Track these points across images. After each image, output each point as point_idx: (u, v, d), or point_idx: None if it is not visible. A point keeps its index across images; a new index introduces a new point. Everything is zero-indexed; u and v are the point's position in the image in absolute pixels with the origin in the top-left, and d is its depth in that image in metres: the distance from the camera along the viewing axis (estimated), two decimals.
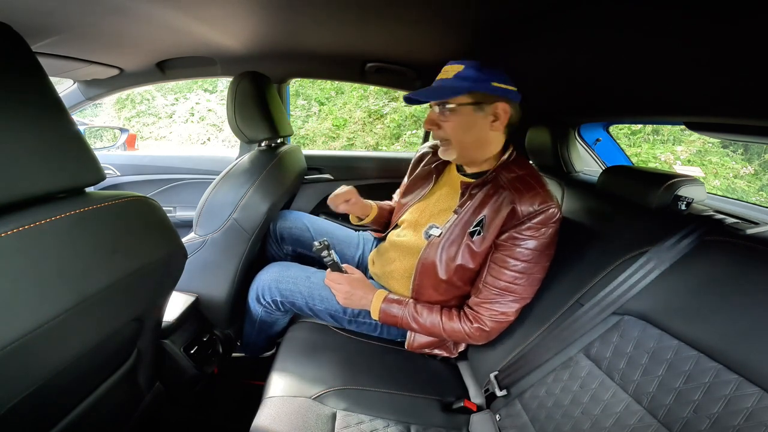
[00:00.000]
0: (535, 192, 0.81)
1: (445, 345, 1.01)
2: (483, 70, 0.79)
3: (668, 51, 0.60)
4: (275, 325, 1.13)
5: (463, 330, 0.87)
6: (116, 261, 0.51)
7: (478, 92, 0.79)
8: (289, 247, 1.27)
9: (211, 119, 6.06)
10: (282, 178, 1.16)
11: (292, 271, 1.06)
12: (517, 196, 0.81)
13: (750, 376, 0.48)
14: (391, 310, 0.92)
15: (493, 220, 0.83)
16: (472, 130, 0.83)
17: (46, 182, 0.43)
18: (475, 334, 0.87)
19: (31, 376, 0.46)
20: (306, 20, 0.92)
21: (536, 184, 0.83)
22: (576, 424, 0.66)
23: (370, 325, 1.05)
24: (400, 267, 1.01)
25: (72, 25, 0.88)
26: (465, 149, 0.87)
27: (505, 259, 0.82)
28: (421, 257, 0.93)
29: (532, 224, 0.80)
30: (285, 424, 0.72)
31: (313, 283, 1.04)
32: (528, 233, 0.80)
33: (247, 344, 1.21)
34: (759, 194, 3.64)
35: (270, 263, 1.11)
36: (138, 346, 0.75)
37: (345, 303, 0.95)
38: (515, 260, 0.81)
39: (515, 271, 0.82)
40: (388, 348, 1.04)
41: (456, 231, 0.88)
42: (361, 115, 5.20)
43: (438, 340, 1.00)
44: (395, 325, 0.94)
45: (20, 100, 0.41)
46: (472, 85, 0.79)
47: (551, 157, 1.23)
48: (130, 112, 6.18)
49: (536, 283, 0.84)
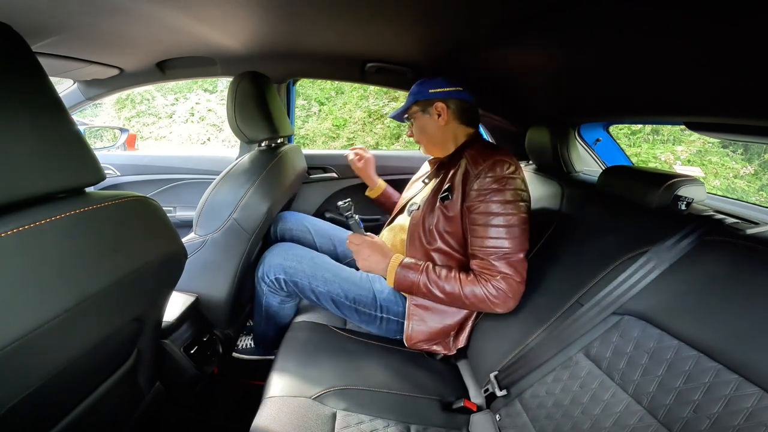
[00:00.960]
0: (484, 153, 0.92)
1: (444, 341, 1.02)
2: (423, 83, 1.03)
3: (668, 51, 0.60)
4: (281, 312, 1.15)
5: (482, 292, 0.87)
6: (116, 261, 0.51)
7: (420, 101, 1.04)
8: None
9: (211, 119, 6.06)
10: (282, 178, 1.16)
11: (296, 250, 1.11)
12: (470, 160, 0.94)
13: (750, 376, 0.48)
14: (407, 276, 0.93)
15: (455, 184, 0.94)
16: (427, 129, 1.05)
17: (46, 182, 0.43)
18: (493, 294, 0.86)
19: (31, 376, 0.46)
20: (306, 20, 0.93)
21: (488, 149, 0.94)
22: (576, 424, 0.66)
23: (370, 316, 1.06)
24: (394, 249, 1.06)
25: (72, 25, 0.88)
26: (432, 145, 1.08)
27: (480, 217, 0.88)
28: (408, 233, 1.03)
29: (488, 178, 0.87)
30: (285, 424, 0.72)
31: (316, 264, 1.08)
32: (488, 187, 0.87)
33: (257, 337, 1.24)
34: (759, 194, 3.64)
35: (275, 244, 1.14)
36: (138, 346, 0.75)
37: (363, 266, 0.99)
38: (490, 215, 0.87)
39: (495, 226, 0.86)
40: (388, 348, 1.04)
41: (430, 200, 1.00)
42: (361, 115, 5.20)
43: (438, 335, 1.00)
44: (410, 291, 0.96)
45: (20, 100, 0.41)
46: (414, 97, 1.04)
47: (551, 157, 1.23)
48: (130, 112, 6.18)
49: (521, 234, 0.87)
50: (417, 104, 1.05)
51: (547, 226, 1.03)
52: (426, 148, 1.10)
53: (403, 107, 1.09)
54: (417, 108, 1.05)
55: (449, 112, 1.02)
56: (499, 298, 0.86)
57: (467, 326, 1.03)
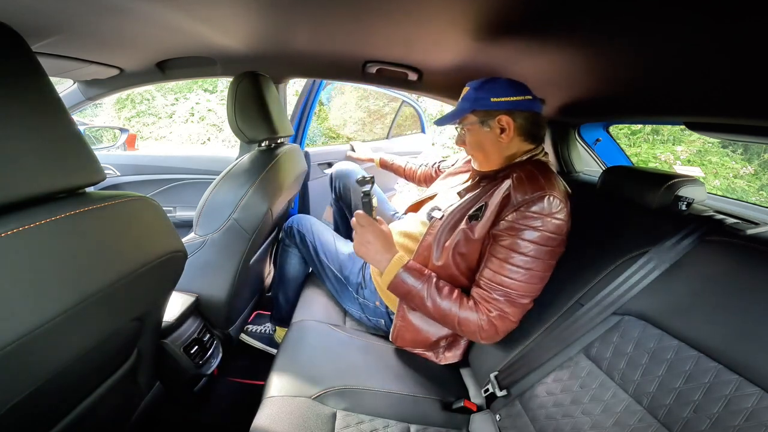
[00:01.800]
0: (534, 182, 0.78)
1: (435, 350, 1.00)
2: (482, 88, 0.86)
3: (668, 51, 0.60)
4: (289, 260, 1.30)
5: (477, 320, 0.80)
6: (116, 261, 0.51)
7: (480, 110, 0.87)
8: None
9: (211, 119, 6.06)
10: (282, 178, 1.16)
11: (315, 220, 1.29)
12: (516, 184, 0.80)
13: (750, 376, 0.48)
14: (407, 280, 0.84)
15: (490, 206, 0.82)
16: (485, 146, 0.90)
17: (46, 182, 0.43)
18: (485, 327, 0.80)
19: (31, 376, 0.46)
20: (306, 20, 0.92)
21: (540, 176, 0.80)
22: (576, 425, 0.66)
23: (363, 305, 1.09)
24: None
25: (72, 25, 0.88)
26: (486, 161, 0.92)
27: (503, 251, 0.79)
28: (421, 240, 0.93)
29: (529, 213, 0.76)
30: (285, 424, 0.72)
31: (326, 238, 1.20)
32: (525, 223, 0.76)
33: (277, 309, 1.37)
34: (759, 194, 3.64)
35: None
36: (138, 346, 0.75)
37: (358, 250, 0.90)
38: (514, 252, 0.77)
39: (514, 265, 0.77)
40: (388, 348, 1.04)
41: (457, 215, 0.89)
42: (361, 115, 5.20)
43: (428, 341, 0.98)
44: (401, 297, 0.89)
45: (20, 100, 0.41)
46: (472, 105, 0.87)
47: (551, 157, 1.22)
48: (130, 112, 6.18)
49: (538, 281, 0.79)
50: (475, 114, 0.88)
51: None
52: (478, 163, 0.95)
53: (456, 113, 0.91)
54: (475, 119, 0.88)
55: (515, 126, 0.85)
56: (489, 332, 0.81)
57: (461, 343, 1.00)
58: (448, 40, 0.96)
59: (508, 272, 0.78)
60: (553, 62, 0.89)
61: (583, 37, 0.71)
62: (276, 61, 1.35)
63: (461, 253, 0.86)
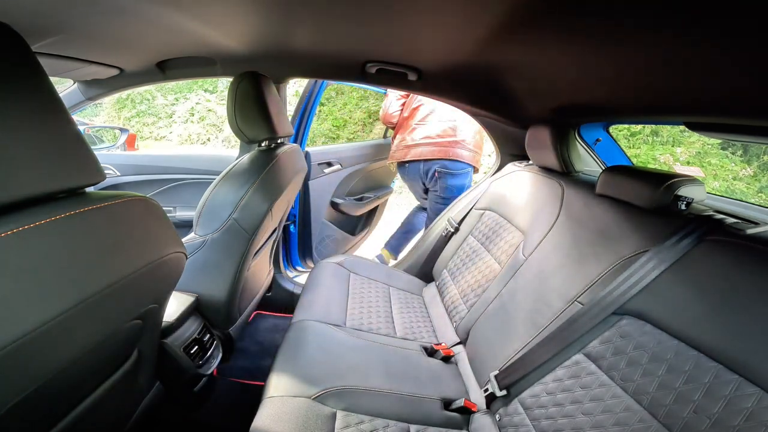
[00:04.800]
0: None
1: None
2: None
3: (668, 51, 0.60)
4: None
5: None
6: (116, 261, 0.51)
7: None
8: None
9: (211, 119, 6.05)
10: (282, 178, 1.16)
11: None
12: None
13: (750, 376, 0.48)
14: None
15: None
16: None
17: (46, 182, 0.43)
18: None
19: (31, 376, 0.46)
20: (306, 20, 0.92)
21: None
22: (576, 425, 0.66)
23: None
24: None
25: (72, 25, 0.88)
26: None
27: None
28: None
29: None
30: (285, 423, 0.72)
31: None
32: None
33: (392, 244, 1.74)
34: (758, 195, 3.64)
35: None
36: (138, 346, 0.75)
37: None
38: None
39: None
40: (388, 348, 1.04)
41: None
42: (361, 116, 5.20)
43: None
44: None
45: (20, 100, 0.41)
46: None
47: (551, 157, 1.23)
48: (130, 112, 6.18)
49: None
50: None
51: (547, 226, 1.03)
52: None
53: None
54: None
55: None
56: None
57: None
58: (448, 40, 0.96)
59: None
60: (553, 62, 0.89)
61: (583, 38, 0.71)
62: (276, 61, 1.35)
63: None
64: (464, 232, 1.45)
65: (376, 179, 2.26)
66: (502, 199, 1.35)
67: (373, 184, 2.25)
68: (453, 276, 1.36)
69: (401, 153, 1.91)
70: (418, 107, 1.89)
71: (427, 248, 1.63)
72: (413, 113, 1.90)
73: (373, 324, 1.16)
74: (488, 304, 1.08)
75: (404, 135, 1.92)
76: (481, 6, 0.71)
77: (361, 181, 2.14)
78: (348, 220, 2.19)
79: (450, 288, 1.33)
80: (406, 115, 1.94)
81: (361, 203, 2.11)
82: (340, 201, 2.02)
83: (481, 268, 1.24)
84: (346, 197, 2.07)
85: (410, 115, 1.91)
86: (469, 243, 1.39)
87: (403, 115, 1.95)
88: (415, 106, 1.89)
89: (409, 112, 1.91)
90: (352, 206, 2.07)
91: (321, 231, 1.98)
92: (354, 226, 2.29)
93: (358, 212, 2.15)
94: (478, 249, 1.32)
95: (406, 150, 1.89)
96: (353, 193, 2.12)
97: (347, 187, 2.06)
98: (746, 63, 0.52)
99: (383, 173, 2.31)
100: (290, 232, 1.86)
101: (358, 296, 1.28)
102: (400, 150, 1.92)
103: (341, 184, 2.01)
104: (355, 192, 2.13)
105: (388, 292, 1.37)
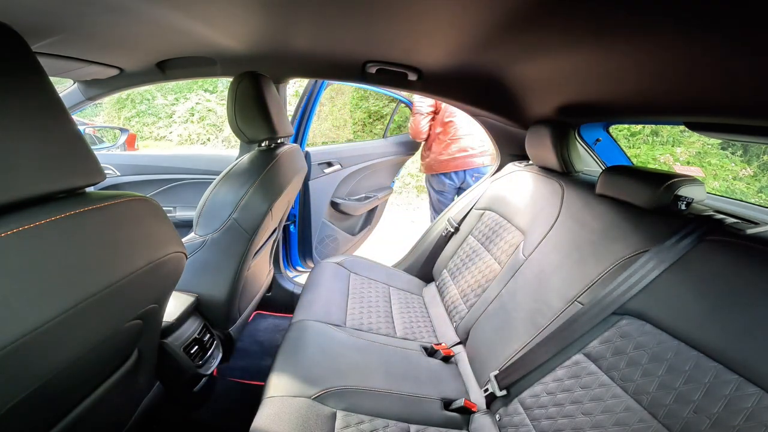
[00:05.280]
0: None
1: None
2: None
3: (668, 51, 0.60)
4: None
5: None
6: (116, 261, 0.51)
7: None
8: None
9: (211, 119, 6.06)
10: (282, 178, 1.16)
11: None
12: None
13: (750, 376, 0.48)
14: None
15: None
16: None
17: (46, 182, 0.43)
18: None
19: (31, 376, 0.45)
20: (306, 20, 0.92)
21: None
22: (576, 425, 0.66)
23: None
24: None
25: (72, 25, 0.88)
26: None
27: None
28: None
29: None
30: (285, 423, 0.72)
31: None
32: None
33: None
34: (758, 195, 3.64)
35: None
36: (138, 346, 0.75)
37: None
38: None
39: None
40: (388, 348, 1.04)
41: None
42: (361, 116, 5.20)
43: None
44: None
45: (20, 100, 0.41)
46: None
47: (551, 157, 1.23)
48: (130, 112, 6.18)
49: None
50: None
51: (547, 226, 1.03)
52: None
53: None
54: None
55: None
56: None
57: None
58: (448, 41, 0.96)
59: None
60: (553, 62, 0.89)
61: (583, 38, 0.71)
62: (276, 61, 1.35)
63: None
64: (464, 232, 1.45)
65: (376, 179, 2.26)
66: (502, 199, 1.35)
67: (373, 184, 2.25)
68: (453, 276, 1.36)
69: (440, 165, 2.16)
70: (450, 122, 2.08)
71: (427, 248, 1.64)
72: (446, 129, 2.10)
73: (373, 324, 1.16)
74: (488, 304, 1.08)
75: (440, 148, 2.15)
76: (481, 6, 0.71)
77: (361, 181, 2.14)
78: (348, 220, 2.19)
79: (450, 288, 1.33)
80: (438, 131, 2.13)
81: (361, 203, 2.12)
82: (340, 201, 2.02)
83: (481, 268, 1.24)
84: (346, 197, 2.07)
85: (444, 130, 2.11)
86: (469, 243, 1.39)
87: (435, 131, 2.14)
88: (447, 121, 2.09)
89: (442, 127, 2.11)
90: (352, 206, 2.07)
91: (321, 231, 1.98)
92: (354, 226, 2.29)
93: (358, 212, 2.16)
94: (478, 249, 1.32)
95: (445, 163, 2.14)
96: (353, 193, 2.12)
97: (347, 187, 2.06)
98: (746, 63, 0.52)
99: (383, 173, 2.31)
100: (290, 232, 1.86)
101: (358, 296, 1.28)
102: (438, 163, 2.16)
103: (341, 184, 2.01)
104: (355, 192, 2.13)
105: (388, 292, 1.37)
